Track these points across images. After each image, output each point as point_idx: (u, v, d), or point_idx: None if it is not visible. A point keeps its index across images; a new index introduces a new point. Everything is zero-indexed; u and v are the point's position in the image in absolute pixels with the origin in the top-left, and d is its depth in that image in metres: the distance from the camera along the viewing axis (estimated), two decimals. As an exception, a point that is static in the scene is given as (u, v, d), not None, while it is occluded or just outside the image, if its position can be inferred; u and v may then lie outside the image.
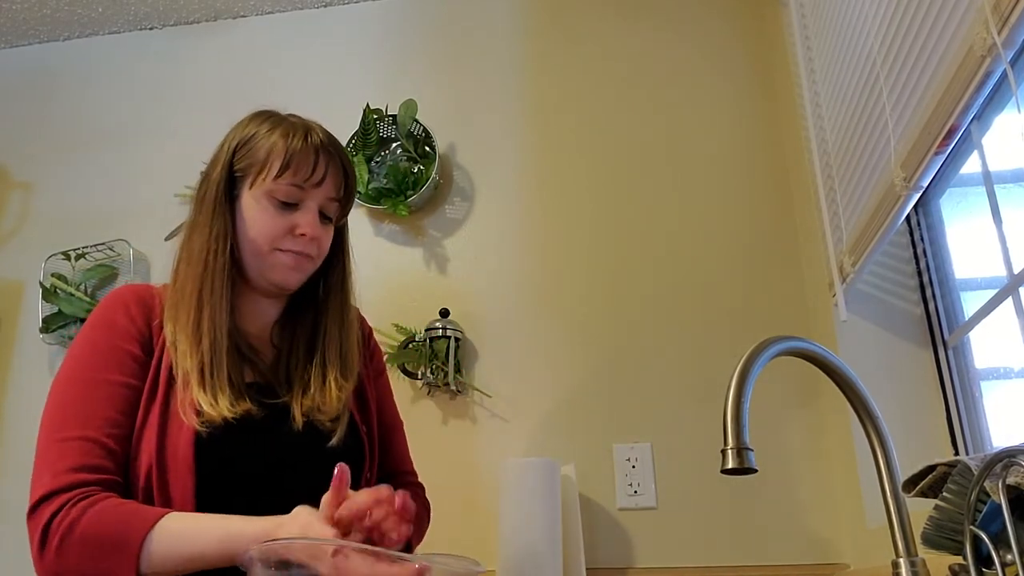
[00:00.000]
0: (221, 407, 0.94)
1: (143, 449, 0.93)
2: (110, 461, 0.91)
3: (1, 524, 1.87)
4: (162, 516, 0.87)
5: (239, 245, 1.04)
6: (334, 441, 1.02)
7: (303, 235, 1.02)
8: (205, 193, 1.05)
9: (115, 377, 0.95)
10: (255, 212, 1.02)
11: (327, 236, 1.08)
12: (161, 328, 1.01)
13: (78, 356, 0.97)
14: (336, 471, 0.85)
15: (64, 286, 1.98)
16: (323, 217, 1.06)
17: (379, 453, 1.13)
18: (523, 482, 1.44)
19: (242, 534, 0.84)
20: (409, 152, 1.94)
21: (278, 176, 1.01)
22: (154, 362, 0.98)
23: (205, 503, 0.91)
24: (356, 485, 1.02)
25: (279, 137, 1.03)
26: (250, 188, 1.03)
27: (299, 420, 1.01)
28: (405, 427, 1.25)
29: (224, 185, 1.04)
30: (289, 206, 1.03)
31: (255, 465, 0.97)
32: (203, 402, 0.93)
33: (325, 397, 1.04)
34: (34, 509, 0.90)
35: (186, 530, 0.86)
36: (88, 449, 0.90)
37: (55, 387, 0.96)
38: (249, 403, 0.97)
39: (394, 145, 1.99)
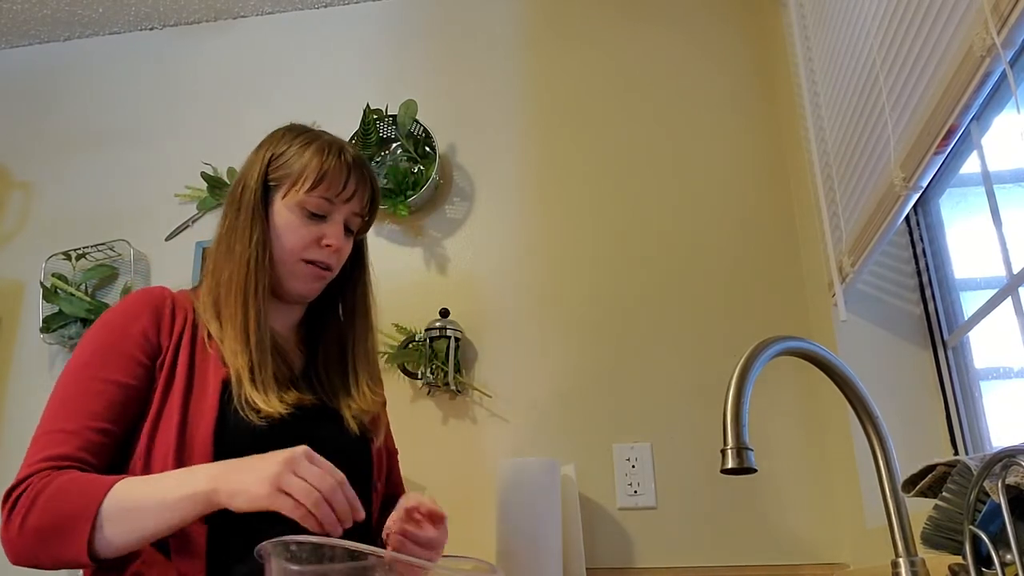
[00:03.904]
0: (274, 403, 0.98)
1: (159, 441, 0.94)
2: (87, 453, 0.92)
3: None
4: (116, 482, 0.87)
5: (275, 255, 1.08)
6: (378, 443, 1.12)
7: (328, 246, 1.07)
8: (242, 198, 1.09)
9: (109, 375, 0.96)
10: (285, 221, 1.07)
11: (348, 249, 1.13)
12: (171, 329, 1.03)
13: (77, 356, 0.99)
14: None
15: (64, 286, 1.98)
16: (346, 231, 1.11)
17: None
18: (523, 482, 1.44)
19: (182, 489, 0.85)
20: (409, 152, 1.94)
21: (312, 189, 1.06)
22: (167, 360, 1.00)
23: None
24: (368, 491, 1.08)
25: (314, 153, 1.08)
26: (283, 198, 1.08)
27: (350, 420, 1.07)
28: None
29: (260, 193, 1.08)
30: (317, 217, 1.08)
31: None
32: (257, 400, 0.97)
33: (365, 401, 1.11)
34: (6, 498, 0.90)
35: (133, 500, 0.86)
36: (64, 439, 0.92)
37: (54, 386, 0.98)
38: (300, 393, 1.03)
39: (394, 145, 1.99)
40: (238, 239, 1.07)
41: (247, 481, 0.82)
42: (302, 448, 0.84)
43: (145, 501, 0.85)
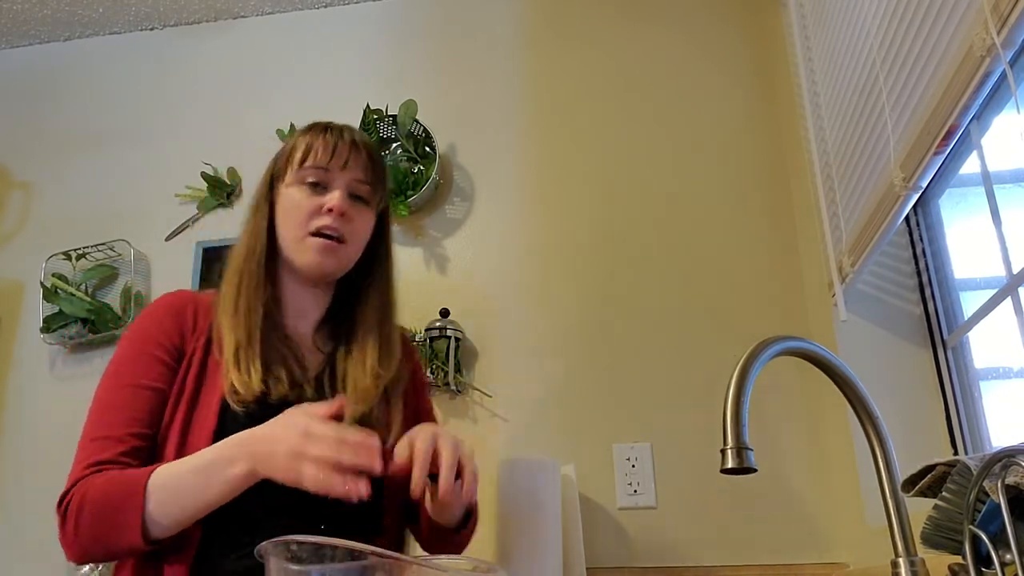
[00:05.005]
0: (253, 382, 0.97)
1: (168, 444, 0.97)
2: (128, 456, 0.95)
3: (3, 520, 1.87)
4: (154, 470, 0.91)
5: (279, 237, 1.09)
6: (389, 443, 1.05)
7: (331, 210, 1.06)
8: (255, 198, 1.13)
9: (141, 381, 0.99)
10: (287, 200, 1.08)
11: (360, 218, 1.10)
12: (194, 332, 1.05)
13: (111, 364, 1.03)
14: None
15: (65, 286, 1.98)
16: (356, 199, 1.10)
17: None
18: (523, 482, 1.44)
19: (220, 459, 0.88)
20: (409, 152, 1.94)
21: (303, 161, 1.08)
22: (183, 365, 1.02)
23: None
24: (378, 511, 1.05)
25: (302, 133, 1.11)
26: (284, 184, 1.10)
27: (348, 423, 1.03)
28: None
29: (266, 189, 1.12)
30: (319, 188, 1.08)
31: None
32: (236, 381, 0.97)
33: (366, 382, 1.06)
34: (59, 506, 0.94)
35: (171, 476, 0.90)
36: (106, 446, 0.95)
37: (95, 392, 1.02)
38: (287, 388, 1.01)
39: (394, 145, 1.99)
40: (246, 231, 1.11)
41: (278, 467, 0.86)
42: (303, 419, 0.85)
43: (184, 480, 0.89)
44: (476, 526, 1.11)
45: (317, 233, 1.06)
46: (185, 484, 0.89)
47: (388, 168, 1.18)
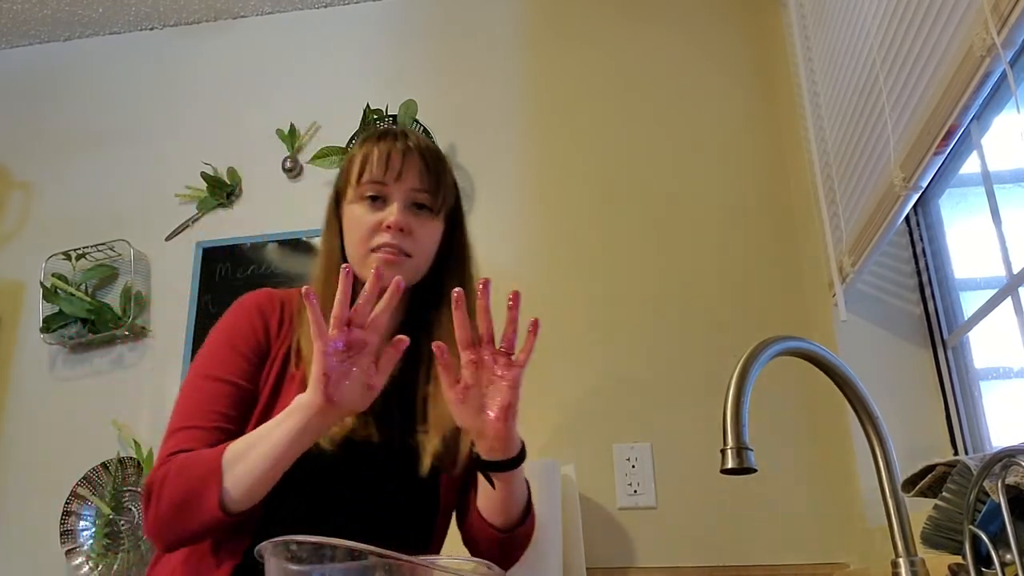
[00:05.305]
0: (346, 427, 0.97)
1: None
2: (210, 448, 0.95)
3: (3, 521, 1.87)
4: (224, 448, 0.91)
5: (348, 255, 1.07)
6: (455, 471, 1.04)
7: (388, 227, 1.03)
8: (324, 219, 1.12)
9: (224, 376, 1.00)
10: (350, 218, 1.06)
11: (423, 228, 1.06)
12: (279, 336, 1.05)
13: (197, 358, 1.04)
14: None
15: (64, 286, 1.98)
16: (419, 207, 1.06)
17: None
18: (523, 482, 1.44)
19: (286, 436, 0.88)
20: (409, 152, 1.94)
21: (359, 177, 1.05)
22: (267, 366, 1.03)
23: (299, 506, 0.95)
24: (427, 529, 1.05)
25: (358, 147, 1.09)
26: (347, 200, 1.08)
27: (425, 459, 1.01)
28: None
29: (333, 206, 1.11)
30: (378, 203, 1.05)
31: (359, 496, 1.00)
32: None
33: (439, 430, 1.02)
34: (144, 494, 0.94)
35: (242, 449, 0.90)
36: (189, 437, 0.96)
37: (181, 386, 1.03)
38: (364, 425, 0.99)
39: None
40: (321, 250, 1.11)
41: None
42: (319, 394, 0.86)
43: (257, 447, 0.89)
44: (534, 526, 1.09)
45: (378, 249, 1.03)
46: (253, 442, 0.90)
47: (451, 168, 1.13)
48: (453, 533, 1.10)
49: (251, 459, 0.88)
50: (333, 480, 0.98)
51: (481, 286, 0.92)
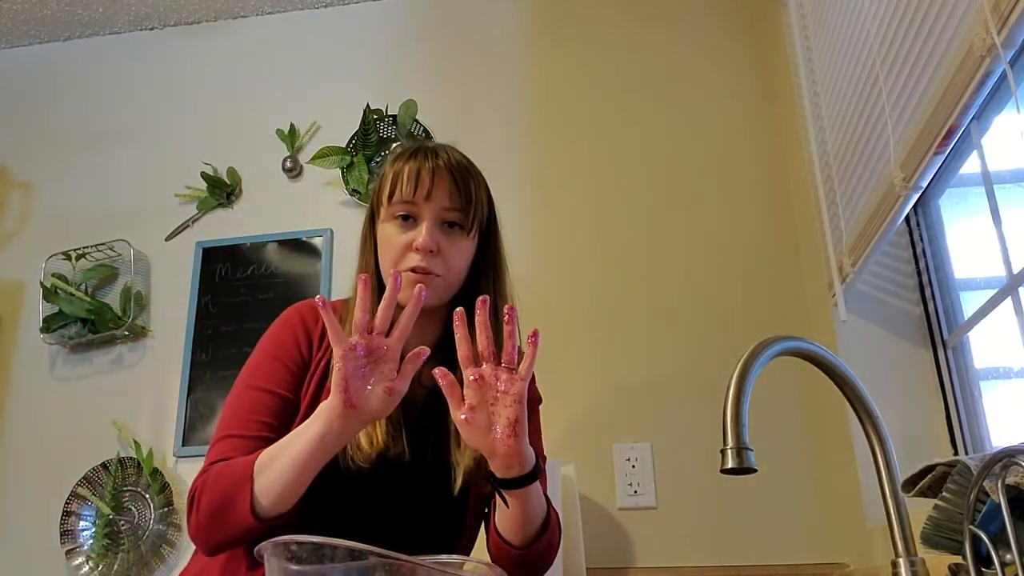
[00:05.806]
0: (378, 444, 0.97)
1: None
2: (247, 455, 0.96)
3: (3, 520, 1.87)
4: (257, 456, 0.93)
5: (382, 273, 1.07)
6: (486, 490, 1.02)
7: (418, 249, 1.02)
8: (360, 237, 1.12)
9: (266, 386, 1.02)
10: (383, 237, 1.06)
11: (454, 247, 1.05)
12: (320, 346, 1.05)
13: (245, 367, 1.06)
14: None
15: (64, 286, 1.98)
16: (451, 226, 1.05)
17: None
18: (523, 482, 1.44)
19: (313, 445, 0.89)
20: (409, 152, 1.94)
21: (391, 199, 1.05)
22: (308, 376, 1.03)
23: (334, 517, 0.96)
24: (456, 539, 1.06)
25: (389, 165, 1.08)
26: (380, 219, 1.08)
27: (457, 478, 1.00)
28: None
29: (368, 225, 1.11)
30: (409, 222, 1.04)
31: (391, 513, 1.01)
32: (362, 437, 0.97)
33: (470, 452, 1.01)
34: (188, 502, 0.96)
35: (271, 457, 0.91)
36: (232, 445, 0.97)
37: (227, 397, 1.05)
38: (394, 442, 0.99)
39: (394, 145, 1.99)
40: (358, 267, 1.10)
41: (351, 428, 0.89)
42: (340, 401, 0.86)
43: (284, 454, 0.90)
44: (558, 537, 1.07)
45: (409, 270, 1.02)
46: (280, 449, 0.90)
47: (483, 183, 1.12)
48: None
49: (278, 466, 0.89)
50: (366, 497, 0.99)
51: (480, 300, 0.92)
